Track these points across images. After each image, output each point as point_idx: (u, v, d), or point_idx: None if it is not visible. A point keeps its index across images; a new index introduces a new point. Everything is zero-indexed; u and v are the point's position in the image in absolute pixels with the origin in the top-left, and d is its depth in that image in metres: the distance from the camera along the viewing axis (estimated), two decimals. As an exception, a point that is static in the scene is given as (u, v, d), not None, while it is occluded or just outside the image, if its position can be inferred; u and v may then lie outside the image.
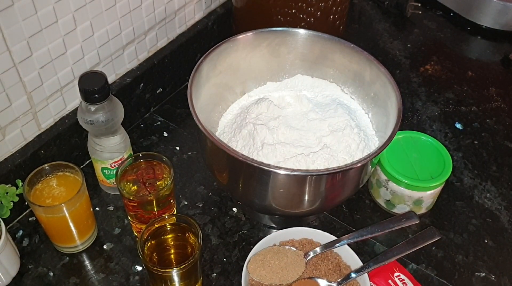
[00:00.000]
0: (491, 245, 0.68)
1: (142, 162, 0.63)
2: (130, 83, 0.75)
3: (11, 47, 0.57)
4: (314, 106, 0.69)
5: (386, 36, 1.01)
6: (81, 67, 0.67)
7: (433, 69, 0.94)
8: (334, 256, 0.62)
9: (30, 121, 0.64)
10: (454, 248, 0.68)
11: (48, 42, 0.61)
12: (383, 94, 0.65)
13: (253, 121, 0.65)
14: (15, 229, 0.66)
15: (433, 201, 0.70)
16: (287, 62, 0.73)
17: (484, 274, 0.65)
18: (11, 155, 0.64)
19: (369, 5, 1.08)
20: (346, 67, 0.70)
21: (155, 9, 0.75)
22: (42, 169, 0.60)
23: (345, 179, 0.58)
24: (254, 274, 0.57)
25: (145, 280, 0.62)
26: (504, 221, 0.71)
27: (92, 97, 0.59)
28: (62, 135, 0.68)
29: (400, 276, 0.62)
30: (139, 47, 0.76)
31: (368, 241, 0.67)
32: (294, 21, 0.78)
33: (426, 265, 0.65)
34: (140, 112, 0.81)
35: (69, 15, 0.61)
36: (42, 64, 0.62)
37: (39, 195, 0.59)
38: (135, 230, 0.66)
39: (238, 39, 0.68)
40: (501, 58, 0.96)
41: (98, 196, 0.71)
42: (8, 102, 0.60)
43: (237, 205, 0.71)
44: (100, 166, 0.67)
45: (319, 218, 0.70)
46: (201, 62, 0.64)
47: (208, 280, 0.62)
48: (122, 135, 0.66)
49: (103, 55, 0.70)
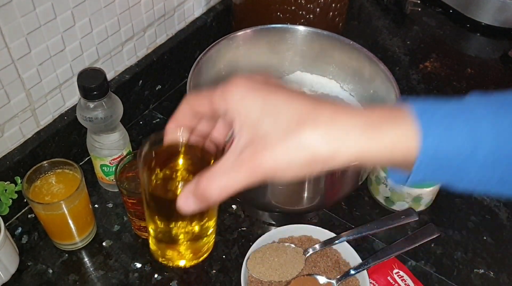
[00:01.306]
0: (490, 241, 0.68)
1: None
2: (129, 80, 0.75)
3: (9, 44, 0.57)
4: (313, 103, 0.69)
5: (385, 33, 1.01)
6: (80, 64, 0.67)
7: (432, 66, 0.94)
8: (333, 253, 0.62)
9: (29, 118, 0.64)
10: (453, 245, 0.68)
11: (47, 38, 0.61)
12: (383, 91, 0.64)
13: (253, 118, 0.65)
14: (14, 226, 0.66)
15: (432, 198, 0.70)
16: (287, 59, 0.73)
17: (483, 271, 0.65)
18: (10, 152, 0.64)
19: (368, 2, 1.07)
20: (345, 64, 0.70)
21: (154, 5, 0.75)
22: (41, 166, 0.60)
23: (344, 176, 0.58)
24: (254, 271, 0.57)
25: (144, 277, 0.62)
26: (503, 218, 0.71)
27: (91, 94, 0.59)
28: (61, 132, 0.68)
29: (399, 273, 0.62)
30: (138, 44, 0.76)
31: (367, 238, 0.67)
32: (294, 18, 0.78)
33: (425, 262, 0.66)
34: (139, 109, 0.81)
35: (68, 12, 0.61)
36: (41, 61, 0.62)
37: (38, 192, 0.59)
38: (134, 227, 0.66)
39: (237, 36, 0.68)
40: (501, 55, 0.96)
41: (97, 193, 0.71)
42: (7, 99, 0.60)
43: (236, 202, 0.71)
44: (99, 163, 0.67)
45: (318, 215, 0.70)
46: (201, 59, 0.64)
47: (208, 277, 0.63)
48: (121, 132, 0.66)
49: (102, 52, 0.70)
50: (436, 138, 0.32)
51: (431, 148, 0.32)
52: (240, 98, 0.34)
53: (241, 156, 0.33)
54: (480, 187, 0.34)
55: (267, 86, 0.35)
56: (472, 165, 0.32)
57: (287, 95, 0.34)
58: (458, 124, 0.32)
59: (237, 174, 0.33)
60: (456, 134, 0.32)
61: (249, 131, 0.33)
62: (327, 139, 0.32)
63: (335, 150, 0.32)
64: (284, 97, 0.34)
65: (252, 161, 0.32)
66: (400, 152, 0.32)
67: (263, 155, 0.32)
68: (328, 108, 0.33)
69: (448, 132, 0.32)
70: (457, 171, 0.33)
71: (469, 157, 0.32)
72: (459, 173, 0.33)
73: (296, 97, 0.34)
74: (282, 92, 0.34)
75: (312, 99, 0.34)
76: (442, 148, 0.32)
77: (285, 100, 0.33)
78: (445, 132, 0.32)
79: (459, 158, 0.32)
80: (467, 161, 0.32)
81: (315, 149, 0.32)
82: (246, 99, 0.34)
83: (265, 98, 0.34)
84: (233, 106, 0.34)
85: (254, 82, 0.35)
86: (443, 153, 0.32)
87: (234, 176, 0.33)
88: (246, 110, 0.34)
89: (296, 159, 0.32)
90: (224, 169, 0.33)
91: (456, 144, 0.32)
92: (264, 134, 0.33)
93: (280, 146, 0.32)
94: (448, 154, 0.32)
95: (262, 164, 0.32)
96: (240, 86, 0.34)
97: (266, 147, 0.32)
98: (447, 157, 0.32)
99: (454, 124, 0.32)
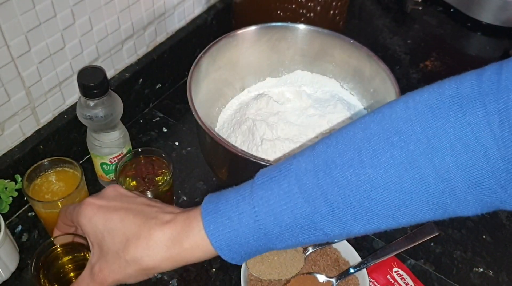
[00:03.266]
0: (489, 240, 0.68)
1: (141, 157, 0.63)
2: (129, 78, 0.75)
3: (9, 42, 0.57)
4: (313, 101, 0.69)
5: (386, 31, 1.00)
6: (79, 62, 0.67)
7: (433, 65, 0.94)
8: (333, 252, 0.62)
9: (29, 116, 0.64)
10: (453, 243, 0.68)
11: (47, 36, 0.61)
12: (383, 90, 0.64)
13: (253, 116, 0.65)
14: (14, 224, 0.66)
15: (432, 197, 0.70)
16: (287, 57, 0.73)
17: (482, 270, 0.65)
18: (10, 150, 0.64)
19: (369, 1, 1.07)
20: (345, 63, 0.70)
21: (154, 4, 0.75)
22: (41, 164, 0.60)
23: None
24: (253, 270, 0.57)
25: (144, 275, 0.62)
26: (502, 217, 0.71)
27: (91, 92, 0.59)
28: (61, 130, 0.68)
29: (399, 272, 0.62)
30: (138, 42, 0.76)
31: (367, 236, 0.67)
32: (294, 16, 0.77)
33: (425, 260, 0.66)
34: (139, 108, 0.81)
35: (68, 10, 0.61)
36: (41, 58, 0.61)
37: (38, 190, 0.59)
38: None
39: (237, 34, 0.68)
40: (501, 54, 0.96)
41: (97, 191, 0.70)
42: (7, 97, 0.60)
43: (236, 201, 0.71)
44: (99, 162, 0.67)
45: (318, 213, 0.70)
46: (201, 57, 0.64)
47: (207, 275, 0.63)
48: (121, 130, 0.66)
49: (102, 50, 0.70)
50: (220, 235, 0.39)
51: (222, 244, 0.39)
52: (88, 220, 0.43)
53: (93, 270, 0.42)
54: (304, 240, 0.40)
55: (113, 202, 0.43)
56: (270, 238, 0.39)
57: (123, 213, 0.42)
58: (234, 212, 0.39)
59: (92, 285, 0.42)
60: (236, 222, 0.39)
61: (97, 249, 0.43)
62: (146, 253, 0.40)
63: (154, 260, 0.40)
64: (120, 216, 0.42)
65: (100, 276, 0.42)
66: (203, 253, 0.40)
67: (105, 271, 0.41)
68: (148, 223, 0.41)
69: (229, 223, 0.39)
70: (268, 242, 0.39)
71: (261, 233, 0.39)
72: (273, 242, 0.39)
73: (131, 214, 0.42)
74: (121, 209, 0.42)
75: (145, 213, 0.42)
76: (231, 239, 0.39)
77: (121, 219, 0.42)
78: (225, 225, 0.39)
79: (253, 237, 0.39)
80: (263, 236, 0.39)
81: (141, 262, 0.40)
82: (93, 219, 0.43)
83: (107, 217, 0.42)
84: (84, 227, 0.43)
85: (101, 200, 0.44)
86: (234, 241, 0.39)
87: None
88: (93, 230, 0.42)
89: (130, 272, 0.41)
90: (84, 280, 0.43)
91: (242, 230, 0.38)
92: (106, 251, 0.42)
93: (116, 264, 0.41)
94: (240, 240, 0.39)
95: (107, 278, 0.42)
96: (88, 207, 0.43)
97: (108, 265, 0.41)
98: (241, 242, 0.39)
99: (231, 212, 0.39)
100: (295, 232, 0.38)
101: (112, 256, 0.41)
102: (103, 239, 0.42)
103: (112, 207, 0.43)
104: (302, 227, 0.38)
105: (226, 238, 0.39)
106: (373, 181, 0.35)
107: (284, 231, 0.38)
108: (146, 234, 0.40)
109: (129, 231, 0.41)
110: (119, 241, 0.41)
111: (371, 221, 0.37)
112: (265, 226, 0.38)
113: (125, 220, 0.41)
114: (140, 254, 0.40)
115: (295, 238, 0.39)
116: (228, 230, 0.39)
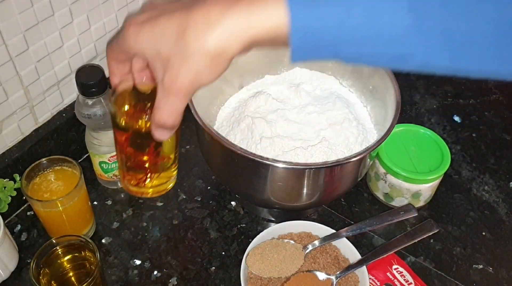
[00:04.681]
0: (489, 237, 0.68)
1: None
2: (127, 76, 0.74)
3: (7, 41, 0.56)
4: (312, 99, 0.69)
5: (384, 29, 1.00)
6: (78, 61, 0.67)
7: (431, 62, 0.94)
8: (332, 249, 0.62)
9: (27, 115, 0.64)
10: (452, 240, 0.68)
11: (45, 35, 0.60)
12: (382, 87, 0.64)
13: (251, 114, 0.65)
14: (13, 224, 0.66)
15: (431, 194, 0.70)
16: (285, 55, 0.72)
17: (482, 266, 0.65)
18: (9, 149, 0.64)
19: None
20: (344, 60, 0.70)
21: (152, 2, 0.74)
22: (40, 163, 0.60)
23: (343, 173, 0.58)
24: (253, 268, 0.57)
25: (144, 274, 0.62)
26: (501, 214, 0.71)
27: (90, 91, 0.59)
28: (60, 129, 0.68)
29: (399, 269, 0.62)
30: (136, 40, 0.75)
31: (366, 234, 0.67)
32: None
33: (424, 257, 0.66)
34: (138, 106, 0.80)
35: (66, 8, 0.61)
36: (39, 57, 0.61)
37: (37, 190, 0.59)
38: (128, 182, 0.53)
39: (236, 32, 0.67)
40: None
41: (96, 190, 0.71)
42: (5, 96, 0.60)
43: (236, 199, 0.71)
44: (98, 160, 0.66)
45: (317, 211, 0.70)
46: (199, 55, 0.63)
47: (207, 274, 0.63)
48: (120, 129, 0.65)
49: (100, 48, 0.70)
50: (303, 16, 0.34)
51: (300, 26, 0.34)
52: (135, 38, 0.38)
53: (164, 87, 0.37)
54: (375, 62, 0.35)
55: (152, 12, 0.38)
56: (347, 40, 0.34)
57: (168, 14, 0.36)
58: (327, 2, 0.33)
59: (172, 99, 0.37)
60: (324, 11, 0.33)
61: (158, 61, 0.37)
62: (210, 36, 0.34)
63: (222, 41, 0.34)
64: (165, 17, 0.36)
65: (173, 86, 0.36)
66: (272, 30, 0.35)
67: (176, 78, 0.36)
68: (200, 6, 0.35)
69: (316, 10, 0.33)
70: (338, 47, 0.35)
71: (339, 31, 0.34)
72: (341, 48, 0.35)
73: (176, 11, 0.36)
74: (164, 12, 0.37)
75: (193, 1, 0.36)
76: (311, 25, 0.34)
77: (168, 18, 0.36)
78: (313, 10, 0.33)
79: (331, 33, 0.34)
80: (338, 36, 0.34)
81: (207, 49, 0.35)
82: (140, 37, 0.37)
83: (152, 24, 0.37)
84: (135, 49, 0.38)
85: (140, 16, 0.38)
86: (313, 29, 0.34)
87: (171, 102, 0.37)
88: (145, 46, 0.37)
89: (199, 65, 0.35)
90: (162, 100, 0.38)
91: (325, 20, 0.33)
92: (167, 59, 0.36)
93: (183, 64, 0.35)
94: (318, 30, 0.34)
95: (181, 85, 0.36)
96: (130, 27, 0.38)
97: (175, 71, 0.36)
98: (319, 32, 0.34)
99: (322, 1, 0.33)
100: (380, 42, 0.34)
101: (176, 58, 0.36)
102: (159, 47, 0.36)
103: (154, 16, 0.37)
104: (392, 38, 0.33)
105: (307, 21, 0.34)
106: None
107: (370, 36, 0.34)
108: (201, 15, 0.35)
109: (182, 22, 0.35)
110: (176, 38, 0.35)
111: None
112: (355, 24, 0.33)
113: (173, 16, 0.36)
114: (202, 33, 0.34)
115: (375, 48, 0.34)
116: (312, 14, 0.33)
